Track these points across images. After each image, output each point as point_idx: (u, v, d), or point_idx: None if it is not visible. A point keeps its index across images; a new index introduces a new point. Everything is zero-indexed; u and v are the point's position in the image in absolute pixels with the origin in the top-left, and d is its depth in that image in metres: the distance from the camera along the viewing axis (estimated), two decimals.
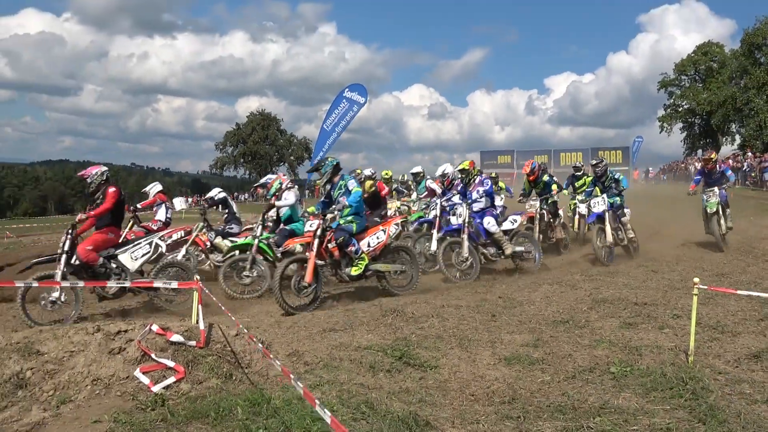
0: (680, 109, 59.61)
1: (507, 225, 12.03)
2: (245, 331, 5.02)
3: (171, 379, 5.20)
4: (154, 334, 5.75)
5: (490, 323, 7.07)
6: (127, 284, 7.96)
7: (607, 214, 12.61)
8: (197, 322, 6.28)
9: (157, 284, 7.93)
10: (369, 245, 9.44)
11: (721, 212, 13.20)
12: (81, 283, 7.94)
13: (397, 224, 9.91)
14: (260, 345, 4.49)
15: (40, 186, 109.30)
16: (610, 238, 12.45)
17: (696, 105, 57.07)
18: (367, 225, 9.65)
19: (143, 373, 5.25)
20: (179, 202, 23.29)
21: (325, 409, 3.14)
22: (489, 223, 11.17)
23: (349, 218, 9.29)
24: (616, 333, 6.63)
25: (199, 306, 5.96)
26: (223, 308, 5.81)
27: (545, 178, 14.71)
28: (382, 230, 9.67)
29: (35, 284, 7.78)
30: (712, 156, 14.18)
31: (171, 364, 5.37)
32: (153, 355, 5.43)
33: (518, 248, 11.53)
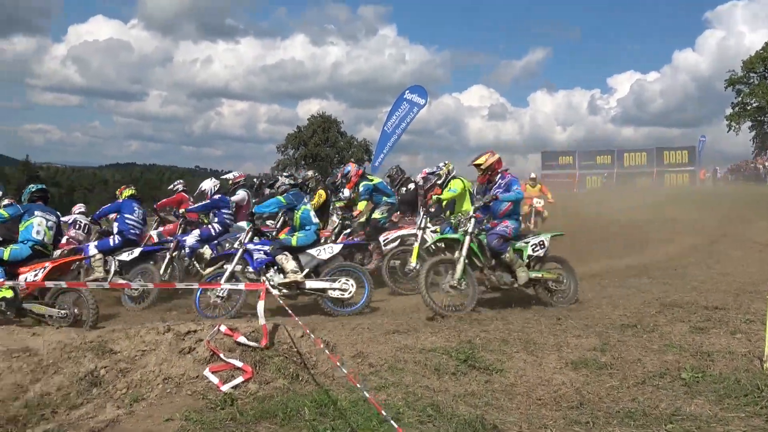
0: (749, 108, 57.76)
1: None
2: (311, 333, 5.06)
3: (239, 379, 5.29)
4: (222, 334, 5.85)
5: (556, 327, 6.97)
6: (195, 285, 8.09)
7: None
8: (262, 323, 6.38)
9: (224, 286, 8.05)
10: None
11: None
12: (195, 285, 8.04)
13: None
14: (327, 351, 4.51)
15: (108, 189, 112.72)
16: None
17: (766, 103, 55.24)
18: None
19: (212, 372, 5.35)
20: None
21: (392, 421, 3.14)
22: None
23: None
24: (687, 338, 6.46)
25: (263, 305, 6.04)
26: (288, 310, 5.86)
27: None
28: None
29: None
30: None
31: (239, 364, 5.46)
32: (222, 355, 5.53)
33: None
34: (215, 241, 11.03)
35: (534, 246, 8.78)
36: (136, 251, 10.34)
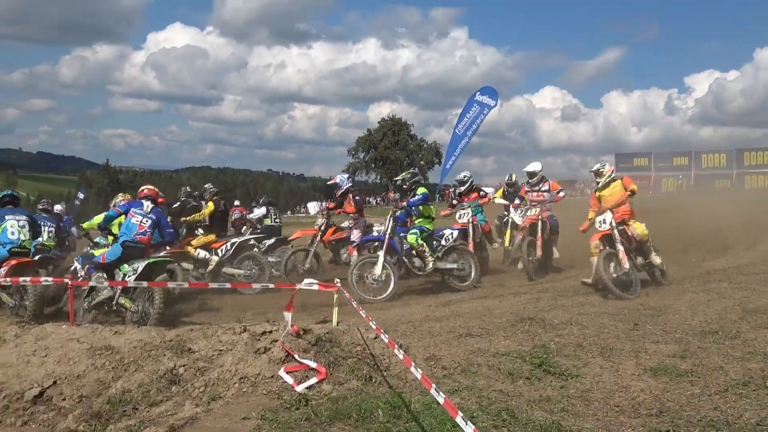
0: None
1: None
2: (384, 335, 5.06)
3: (313, 380, 5.34)
4: (291, 336, 5.93)
5: (633, 332, 6.80)
6: (271, 285, 8.23)
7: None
8: (337, 324, 6.44)
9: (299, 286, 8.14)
10: None
11: None
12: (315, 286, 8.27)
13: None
14: (401, 351, 4.51)
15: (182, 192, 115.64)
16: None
17: None
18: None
19: (287, 373, 5.41)
20: (312, 207, 23.92)
21: (468, 423, 3.11)
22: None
23: None
24: None
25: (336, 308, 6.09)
26: (362, 313, 5.89)
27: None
28: None
29: None
30: None
31: (313, 365, 5.51)
32: (296, 356, 5.59)
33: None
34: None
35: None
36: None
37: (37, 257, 9.71)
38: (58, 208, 19.45)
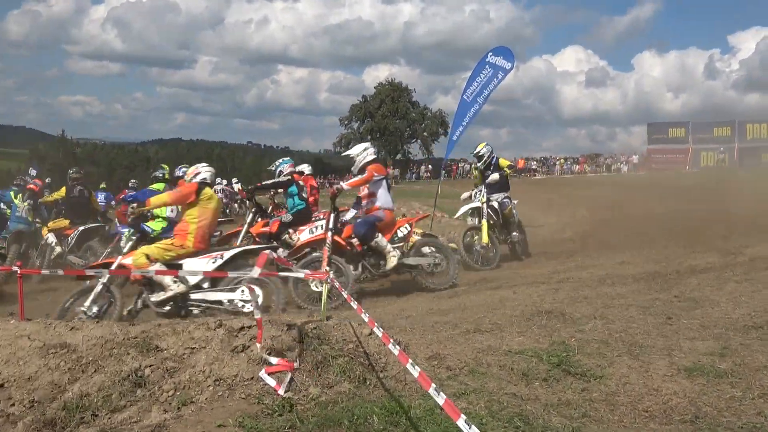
0: None
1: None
2: (380, 330, 5.07)
3: (288, 375, 5.36)
4: (279, 330, 5.94)
5: (665, 327, 6.82)
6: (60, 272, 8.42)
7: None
8: (326, 318, 6.45)
9: (284, 274, 8.19)
10: None
11: None
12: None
13: None
14: (397, 347, 4.52)
15: (151, 167, 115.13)
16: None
17: None
18: None
19: (269, 374, 5.42)
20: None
21: (472, 426, 3.12)
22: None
23: None
24: None
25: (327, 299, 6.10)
26: (354, 305, 5.89)
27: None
28: None
29: None
30: None
31: (297, 364, 5.52)
32: (272, 360, 5.61)
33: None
34: None
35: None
36: None
37: None
38: None
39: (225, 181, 32.71)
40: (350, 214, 11.49)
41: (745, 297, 8.08)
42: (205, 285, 8.82)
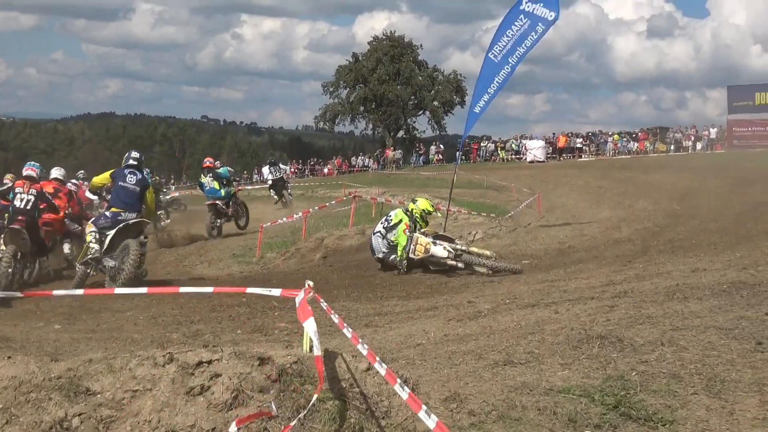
0: None
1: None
2: (383, 366, 5.06)
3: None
4: (249, 366, 5.92)
5: (755, 355, 6.82)
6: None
7: None
8: (310, 349, 6.43)
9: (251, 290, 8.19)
10: None
11: None
12: None
13: None
14: (406, 389, 4.51)
15: (75, 151, 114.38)
16: None
17: None
18: None
19: (239, 427, 5.41)
20: (268, 171, 24.44)
21: None
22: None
23: None
24: None
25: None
26: (347, 332, 5.89)
27: None
28: None
29: None
30: None
31: (275, 412, 5.51)
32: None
33: None
34: None
35: None
36: None
37: None
38: None
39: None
40: None
41: None
42: None
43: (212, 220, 25.02)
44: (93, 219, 15.40)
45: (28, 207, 15.57)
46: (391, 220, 14.78)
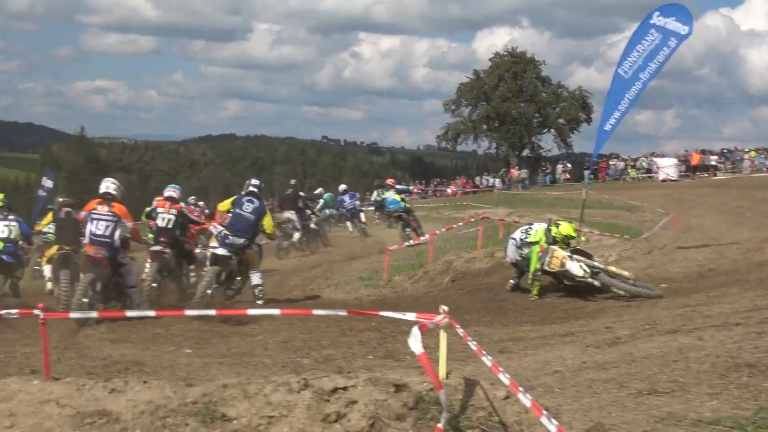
0: None
1: None
2: (527, 397, 5.03)
3: None
4: (385, 392, 5.95)
5: None
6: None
7: None
8: (446, 376, 6.43)
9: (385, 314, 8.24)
10: None
11: None
12: None
13: None
14: (554, 424, 4.48)
15: (197, 173, 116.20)
16: None
17: None
18: None
19: None
20: (392, 193, 24.85)
21: None
22: None
23: None
24: None
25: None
26: (487, 360, 5.87)
27: None
28: None
29: None
30: None
31: None
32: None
33: None
34: None
35: None
36: None
37: None
38: None
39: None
40: None
41: None
42: None
43: (403, 229, 26.61)
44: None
45: (170, 226, 16.44)
46: (531, 236, 14.63)
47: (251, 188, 15.98)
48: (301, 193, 29.57)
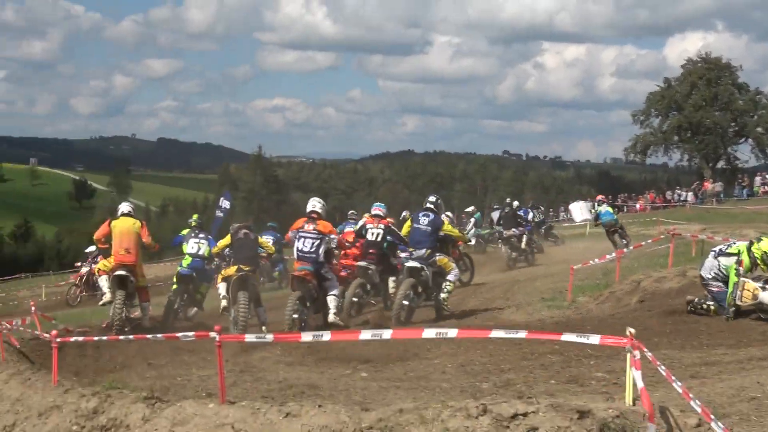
0: None
1: None
2: (719, 426, 4.86)
3: None
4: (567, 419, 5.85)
5: None
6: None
7: None
8: (633, 402, 6.28)
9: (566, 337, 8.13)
10: None
11: None
12: None
13: None
14: None
15: (375, 191, 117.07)
16: None
17: None
18: None
19: None
20: (579, 209, 24.37)
21: None
22: None
23: None
24: None
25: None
26: (677, 385, 5.71)
27: None
28: None
29: None
30: None
31: None
32: None
33: None
34: None
35: None
36: None
37: None
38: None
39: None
40: None
41: None
42: None
43: (619, 239, 28.42)
44: None
45: (378, 239, 17.80)
46: (731, 248, 14.10)
47: (428, 204, 17.03)
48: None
